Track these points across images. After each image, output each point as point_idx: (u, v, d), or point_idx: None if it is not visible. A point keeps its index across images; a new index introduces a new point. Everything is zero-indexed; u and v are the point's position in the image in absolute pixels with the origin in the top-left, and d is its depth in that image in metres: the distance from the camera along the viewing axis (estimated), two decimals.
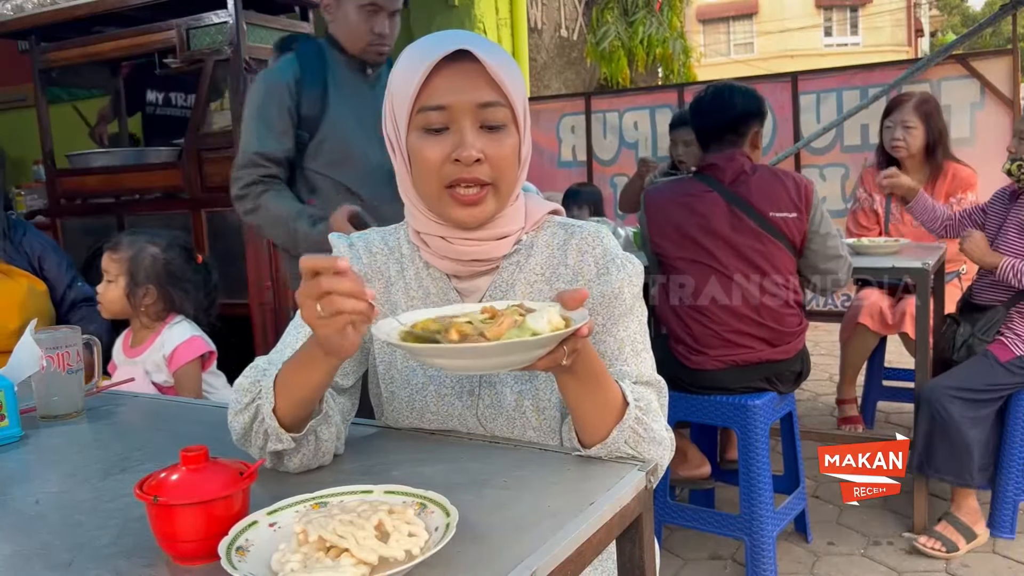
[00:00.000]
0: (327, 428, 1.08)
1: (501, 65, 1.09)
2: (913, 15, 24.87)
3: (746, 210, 2.39)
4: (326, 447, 1.08)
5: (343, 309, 0.89)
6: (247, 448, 1.08)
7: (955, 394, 2.53)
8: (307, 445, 1.06)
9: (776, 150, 5.06)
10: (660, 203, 2.50)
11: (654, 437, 1.07)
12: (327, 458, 1.10)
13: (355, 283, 0.89)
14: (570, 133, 5.85)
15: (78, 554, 0.87)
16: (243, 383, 1.07)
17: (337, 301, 0.89)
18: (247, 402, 1.05)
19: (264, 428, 1.03)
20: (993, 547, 2.60)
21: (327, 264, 0.89)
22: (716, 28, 26.21)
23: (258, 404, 1.03)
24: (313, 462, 1.09)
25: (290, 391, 1.02)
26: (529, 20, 6.45)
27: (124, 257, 2.11)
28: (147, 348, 2.11)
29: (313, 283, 0.89)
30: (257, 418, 1.04)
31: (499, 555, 0.81)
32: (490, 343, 0.88)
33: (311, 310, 0.90)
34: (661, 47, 7.74)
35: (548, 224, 1.23)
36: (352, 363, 1.20)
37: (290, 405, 1.02)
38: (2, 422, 1.28)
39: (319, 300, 0.89)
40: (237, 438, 1.07)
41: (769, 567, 2.38)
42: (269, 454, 1.06)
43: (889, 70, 4.85)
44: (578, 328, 0.90)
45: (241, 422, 1.05)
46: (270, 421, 1.02)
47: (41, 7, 4.45)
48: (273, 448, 1.04)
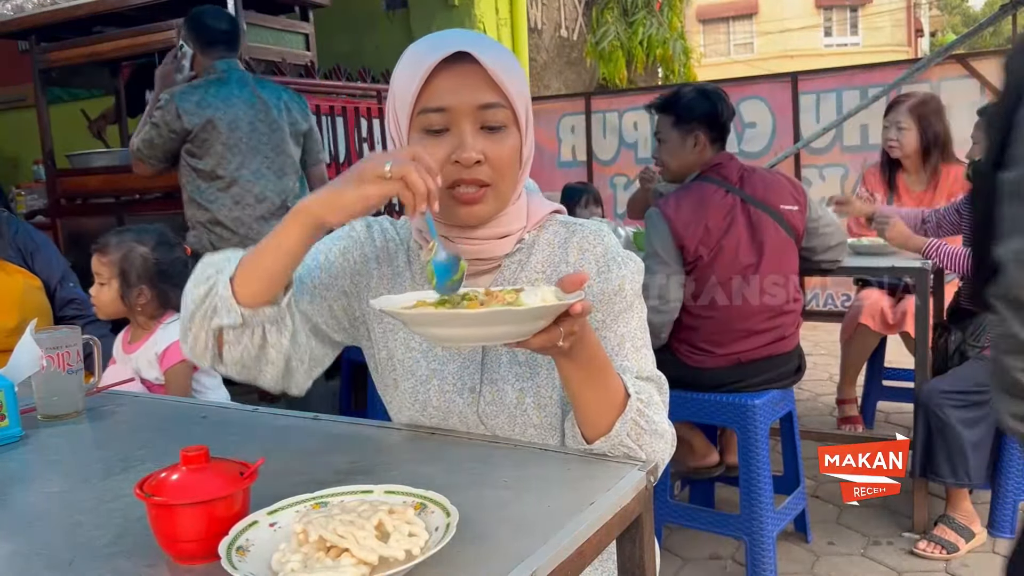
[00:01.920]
0: (277, 334, 1.07)
1: (502, 66, 1.09)
2: (913, 15, 24.86)
3: (759, 205, 2.41)
4: (271, 355, 1.08)
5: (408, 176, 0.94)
6: (190, 333, 1.07)
7: (952, 398, 2.54)
8: (251, 337, 1.06)
9: (776, 150, 5.06)
10: (681, 205, 2.43)
11: (656, 430, 1.07)
12: (270, 371, 1.09)
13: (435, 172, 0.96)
14: (570, 133, 5.85)
15: (78, 554, 0.87)
16: (212, 258, 1.08)
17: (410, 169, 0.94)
18: (209, 274, 1.06)
19: (216, 301, 1.03)
20: (993, 547, 2.60)
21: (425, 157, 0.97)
22: (716, 28, 26.20)
23: (218, 276, 1.04)
24: (253, 367, 1.08)
25: (257, 259, 1.03)
26: (529, 20, 6.45)
27: (114, 259, 2.10)
28: (141, 345, 2.11)
29: (406, 151, 0.98)
30: (211, 291, 1.04)
31: (499, 555, 0.81)
32: (478, 311, 0.89)
33: (378, 164, 0.95)
34: (661, 47, 7.74)
35: (550, 223, 1.23)
36: (337, 323, 1.20)
37: (252, 277, 1.02)
38: (2, 422, 1.28)
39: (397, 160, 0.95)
40: (186, 317, 1.07)
41: (769, 567, 2.38)
42: (212, 335, 1.05)
43: (889, 70, 4.85)
44: (570, 304, 0.90)
45: (195, 295, 1.05)
46: (224, 291, 1.03)
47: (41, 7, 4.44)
48: (219, 323, 1.04)
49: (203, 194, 2.99)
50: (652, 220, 2.46)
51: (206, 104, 2.93)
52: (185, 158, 2.98)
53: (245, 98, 3.00)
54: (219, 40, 3.05)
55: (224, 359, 1.08)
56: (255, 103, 3.02)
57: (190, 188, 3.00)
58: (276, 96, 3.12)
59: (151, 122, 2.94)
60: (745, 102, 5.22)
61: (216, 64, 3.03)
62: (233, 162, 2.98)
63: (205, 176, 2.98)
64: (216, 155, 2.96)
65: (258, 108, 3.03)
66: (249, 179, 3.01)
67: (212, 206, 2.98)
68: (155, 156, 2.97)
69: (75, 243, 4.08)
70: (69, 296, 2.56)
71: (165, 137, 2.93)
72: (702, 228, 2.38)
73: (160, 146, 2.95)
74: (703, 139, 2.50)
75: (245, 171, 3.00)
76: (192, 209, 3.02)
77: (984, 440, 2.56)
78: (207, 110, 2.92)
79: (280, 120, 3.10)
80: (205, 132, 2.93)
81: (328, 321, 1.19)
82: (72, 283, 2.61)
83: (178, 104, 2.90)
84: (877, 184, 3.49)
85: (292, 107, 3.16)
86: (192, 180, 2.99)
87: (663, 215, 2.41)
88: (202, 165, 2.97)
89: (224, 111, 2.95)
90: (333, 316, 1.20)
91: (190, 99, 2.92)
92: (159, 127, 2.92)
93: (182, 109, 2.90)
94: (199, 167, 2.97)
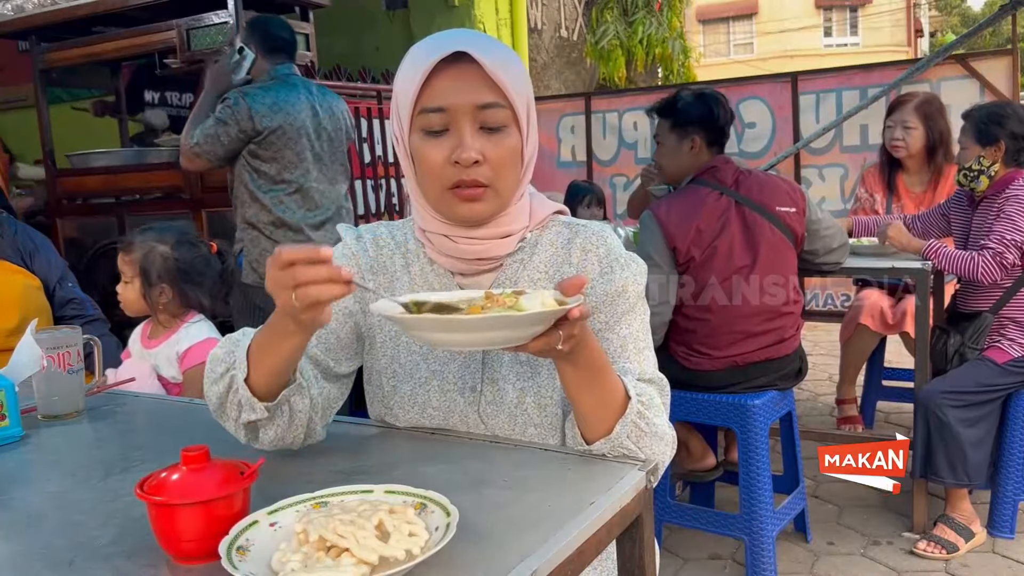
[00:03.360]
0: (301, 399, 1.09)
1: (501, 65, 1.08)
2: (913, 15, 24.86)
3: (755, 207, 2.41)
4: (300, 419, 1.10)
5: (319, 299, 0.90)
6: (223, 421, 1.09)
7: (952, 399, 2.54)
8: (281, 416, 1.08)
9: (776, 150, 5.06)
10: (672, 208, 2.45)
11: (656, 432, 1.07)
12: (301, 433, 1.11)
13: (332, 269, 0.90)
14: (570, 133, 5.85)
15: (78, 554, 0.87)
16: (218, 353, 1.08)
17: (312, 291, 0.89)
18: (222, 372, 1.06)
19: (238, 398, 1.05)
20: (993, 547, 2.60)
21: (304, 255, 0.90)
22: (716, 28, 26.20)
23: (232, 374, 1.05)
24: (288, 436, 1.10)
25: (263, 360, 1.03)
26: (529, 20, 6.45)
27: (136, 258, 2.13)
28: (162, 342, 2.12)
29: (287, 273, 0.90)
30: (232, 388, 1.05)
31: (499, 555, 0.81)
32: (476, 316, 0.89)
33: (286, 299, 0.91)
34: (661, 47, 7.74)
35: (552, 223, 1.23)
36: (347, 351, 1.21)
37: (263, 374, 1.04)
38: (3, 422, 1.28)
39: (293, 290, 0.90)
40: (214, 409, 1.09)
41: (769, 567, 2.38)
42: (244, 427, 1.08)
43: (889, 70, 4.85)
44: (568, 309, 0.90)
45: (216, 392, 1.07)
46: (243, 391, 1.04)
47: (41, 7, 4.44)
48: (247, 418, 1.06)
49: (268, 195, 2.97)
50: (644, 223, 2.49)
51: (278, 108, 2.92)
52: (247, 159, 2.95)
53: (309, 104, 3.03)
54: (283, 48, 3.09)
55: (261, 440, 1.10)
56: (318, 110, 3.05)
57: (252, 187, 2.97)
58: (336, 103, 3.16)
59: (218, 118, 2.90)
60: (745, 102, 5.22)
61: (278, 68, 3.05)
62: (300, 167, 2.99)
63: (269, 179, 2.97)
64: (284, 159, 2.96)
65: (321, 115, 3.06)
66: (311, 185, 3.02)
67: (278, 208, 2.97)
68: (216, 153, 2.93)
69: (75, 243, 4.09)
70: (68, 296, 2.57)
71: (233, 136, 2.90)
72: (694, 230, 2.39)
73: (225, 144, 2.91)
74: (699, 143, 2.52)
75: (308, 177, 3.01)
76: (252, 209, 2.99)
77: (984, 440, 2.56)
78: (279, 114, 2.92)
79: (339, 127, 3.14)
80: (275, 136, 2.92)
81: (338, 354, 1.20)
82: (71, 283, 2.61)
83: (250, 105, 2.88)
84: (876, 185, 3.49)
85: (348, 116, 3.22)
86: (254, 180, 2.96)
87: (655, 217, 2.44)
88: (267, 167, 2.95)
89: (295, 116, 2.96)
90: (341, 345, 1.20)
91: (263, 101, 2.91)
92: (228, 125, 2.89)
93: (255, 110, 2.88)
94: (263, 169, 2.96)
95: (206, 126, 2.92)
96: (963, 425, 2.52)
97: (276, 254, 0.91)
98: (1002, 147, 2.62)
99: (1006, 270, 2.56)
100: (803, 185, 4.96)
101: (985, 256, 2.55)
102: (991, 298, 2.65)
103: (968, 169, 2.67)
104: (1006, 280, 2.61)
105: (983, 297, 2.67)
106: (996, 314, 2.63)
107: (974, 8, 31.37)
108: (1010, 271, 2.57)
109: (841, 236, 2.62)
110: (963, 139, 2.70)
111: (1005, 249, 2.53)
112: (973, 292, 2.71)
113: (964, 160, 2.69)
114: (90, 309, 2.60)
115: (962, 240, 2.80)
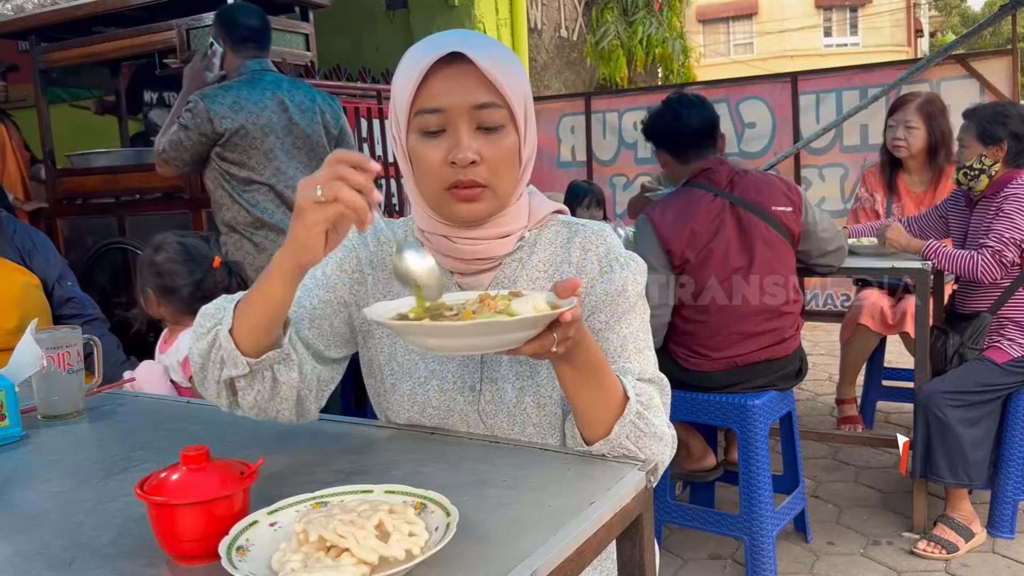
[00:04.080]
0: (287, 370, 1.08)
1: (498, 65, 1.08)
2: (913, 15, 24.85)
3: (750, 208, 2.41)
4: (284, 392, 1.09)
5: (341, 196, 0.90)
6: (204, 384, 1.09)
7: (951, 399, 2.54)
8: (262, 380, 1.07)
9: (775, 150, 5.06)
10: (667, 211, 2.45)
11: (655, 432, 1.07)
12: (285, 407, 1.11)
13: (368, 181, 0.91)
14: (569, 133, 5.85)
15: (78, 554, 0.87)
16: (208, 309, 1.08)
17: (340, 187, 0.90)
18: (209, 327, 1.06)
19: (221, 354, 1.04)
20: (992, 547, 2.60)
21: (354, 157, 0.91)
22: (716, 28, 26.19)
23: (217, 329, 1.05)
24: (270, 406, 1.10)
25: (248, 311, 1.03)
26: (529, 20, 6.45)
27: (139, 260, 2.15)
28: (170, 347, 2.12)
29: (331, 167, 0.91)
30: (215, 344, 1.05)
31: (499, 555, 0.81)
32: (465, 322, 0.89)
33: (310, 192, 0.91)
34: (660, 47, 7.74)
35: (552, 222, 1.23)
36: (338, 339, 1.21)
37: (248, 328, 1.03)
38: (3, 422, 1.28)
39: (326, 182, 0.90)
40: (196, 371, 1.08)
41: (769, 567, 2.38)
42: (224, 388, 1.07)
43: (889, 70, 4.85)
44: (560, 313, 0.90)
45: (200, 348, 1.06)
46: (226, 343, 1.03)
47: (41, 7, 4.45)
48: (228, 374, 1.05)
49: (244, 196, 2.90)
50: (640, 226, 2.51)
51: (239, 107, 2.84)
52: (216, 161, 2.89)
53: (279, 100, 2.93)
54: (250, 38, 2.97)
55: (240, 404, 1.10)
56: (289, 106, 2.95)
57: (229, 189, 2.90)
58: (311, 98, 3.05)
59: (179, 123, 2.84)
60: (745, 102, 5.22)
61: (248, 63, 2.96)
62: (269, 167, 2.91)
63: (241, 180, 2.90)
64: (251, 159, 2.88)
65: (292, 111, 2.95)
66: (287, 184, 2.93)
67: (255, 208, 2.90)
68: (182, 159, 2.88)
69: (75, 243, 4.09)
70: (67, 295, 2.56)
71: (195, 140, 2.84)
72: (688, 232, 2.40)
73: (188, 149, 2.85)
74: (664, 156, 2.58)
75: (281, 176, 2.93)
76: (232, 212, 2.92)
77: (984, 440, 2.56)
78: (240, 114, 2.84)
79: (315, 123, 3.03)
80: (238, 136, 2.84)
81: (330, 341, 1.20)
82: (70, 282, 2.61)
83: (209, 107, 2.80)
84: (877, 185, 3.49)
85: (326, 110, 3.10)
86: (228, 182, 2.90)
87: (650, 221, 2.46)
88: (236, 169, 2.89)
89: (258, 114, 2.87)
90: (335, 333, 1.20)
91: (222, 102, 2.82)
92: (189, 129, 2.83)
93: (213, 112, 2.80)
94: (233, 171, 2.89)
95: (171, 132, 2.87)
96: (963, 425, 2.52)
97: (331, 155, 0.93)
98: (1004, 147, 2.62)
99: (1006, 268, 2.56)
100: (803, 185, 4.97)
101: (984, 254, 2.55)
102: (989, 298, 2.65)
103: (969, 168, 2.67)
104: (1004, 280, 2.61)
105: (981, 297, 2.67)
106: (995, 314, 2.63)
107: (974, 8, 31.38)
108: (1009, 270, 2.57)
109: (838, 240, 2.61)
110: (964, 137, 2.70)
111: (1004, 247, 2.54)
112: (971, 292, 2.71)
113: (965, 159, 2.69)
114: (89, 308, 2.60)
115: (960, 240, 2.80)
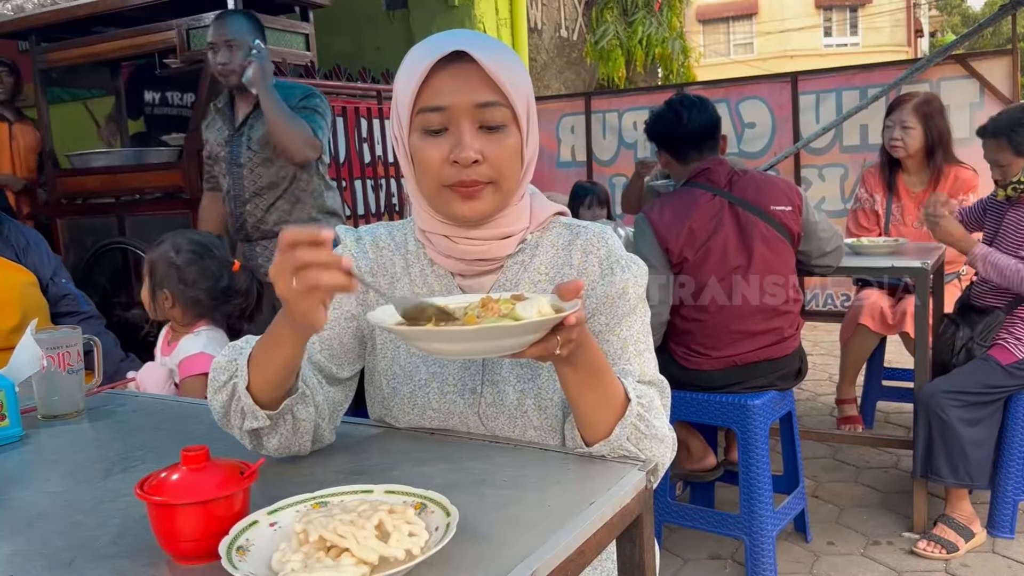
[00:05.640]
0: (304, 408, 1.09)
1: (501, 64, 1.08)
2: (913, 15, 24.86)
3: (748, 207, 2.41)
4: (304, 427, 1.10)
5: (318, 283, 0.88)
6: (228, 428, 1.09)
7: (953, 398, 2.54)
8: (284, 424, 1.08)
9: (775, 150, 5.06)
10: (665, 210, 2.46)
11: (656, 434, 1.07)
12: (307, 440, 1.11)
13: (332, 255, 0.88)
14: (569, 133, 5.85)
15: (78, 554, 0.87)
16: (220, 362, 1.08)
17: (312, 274, 0.87)
18: (224, 380, 1.06)
19: (241, 406, 1.05)
20: (993, 547, 2.60)
21: (306, 236, 0.88)
22: (716, 28, 26.20)
23: (234, 382, 1.05)
24: (293, 444, 1.10)
25: (263, 368, 1.03)
26: (529, 20, 6.45)
27: (150, 258, 2.11)
28: (173, 349, 2.11)
29: (289, 255, 0.88)
30: (234, 396, 1.06)
31: (499, 555, 0.81)
32: (470, 327, 0.89)
33: (286, 283, 0.89)
34: (660, 47, 7.74)
35: (553, 224, 1.23)
36: (350, 356, 1.21)
37: (264, 382, 1.04)
38: (3, 422, 1.28)
39: (294, 273, 0.88)
40: (218, 418, 1.09)
41: (769, 567, 2.38)
42: (248, 434, 1.08)
43: (889, 70, 4.85)
44: (564, 317, 0.90)
45: (220, 401, 1.07)
46: (245, 399, 1.04)
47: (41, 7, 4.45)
48: (250, 426, 1.06)
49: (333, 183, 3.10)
50: (638, 225, 2.52)
51: None
52: None
53: None
54: None
55: (266, 447, 1.10)
56: None
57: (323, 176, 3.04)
58: None
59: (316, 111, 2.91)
60: (745, 102, 5.22)
61: None
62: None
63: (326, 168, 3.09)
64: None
65: None
66: None
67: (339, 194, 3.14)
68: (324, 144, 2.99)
69: (75, 243, 4.09)
70: (62, 292, 2.55)
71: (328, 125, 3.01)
72: (686, 231, 2.40)
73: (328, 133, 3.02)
74: (665, 156, 2.61)
75: None
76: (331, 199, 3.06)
77: (984, 440, 2.56)
78: None
79: None
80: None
81: (342, 360, 1.20)
82: (64, 279, 2.59)
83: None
84: (877, 185, 3.49)
85: None
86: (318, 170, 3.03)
87: (647, 220, 2.47)
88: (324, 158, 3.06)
89: None
90: (345, 350, 1.20)
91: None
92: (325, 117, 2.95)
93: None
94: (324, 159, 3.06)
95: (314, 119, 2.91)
96: (965, 425, 2.52)
97: (280, 236, 0.89)
98: None
99: None
100: (803, 185, 4.97)
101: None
102: (1008, 296, 2.64)
103: (1018, 182, 2.63)
104: None
105: (1000, 295, 2.66)
106: (1009, 313, 2.63)
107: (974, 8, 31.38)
108: None
109: (836, 240, 2.61)
110: (999, 157, 2.67)
111: None
112: (991, 289, 2.69)
113: (1011, 174, 2.65)
114: (84, 305, 2.59)
115: (990, 237, 2.77)
